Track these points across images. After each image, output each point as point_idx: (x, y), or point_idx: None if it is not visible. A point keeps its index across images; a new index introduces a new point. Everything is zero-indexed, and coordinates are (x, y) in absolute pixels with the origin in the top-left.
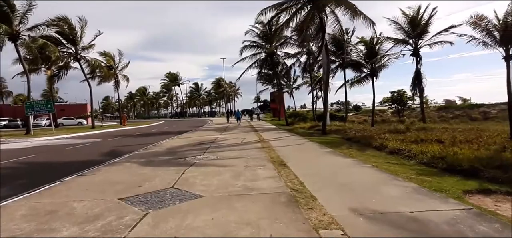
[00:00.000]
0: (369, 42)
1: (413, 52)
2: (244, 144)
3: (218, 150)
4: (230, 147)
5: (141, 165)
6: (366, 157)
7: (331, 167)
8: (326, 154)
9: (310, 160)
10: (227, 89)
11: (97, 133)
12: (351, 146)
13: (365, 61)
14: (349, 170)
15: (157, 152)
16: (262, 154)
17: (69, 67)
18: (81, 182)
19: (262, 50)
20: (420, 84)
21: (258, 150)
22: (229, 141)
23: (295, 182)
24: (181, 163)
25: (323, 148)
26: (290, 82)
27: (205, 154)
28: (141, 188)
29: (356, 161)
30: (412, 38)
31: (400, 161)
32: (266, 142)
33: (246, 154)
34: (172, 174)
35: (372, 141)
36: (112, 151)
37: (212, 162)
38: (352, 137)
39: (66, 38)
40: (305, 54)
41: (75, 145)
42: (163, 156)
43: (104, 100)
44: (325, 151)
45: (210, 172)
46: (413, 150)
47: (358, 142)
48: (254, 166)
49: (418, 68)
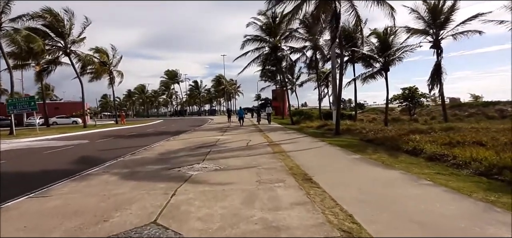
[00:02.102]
0: (382, 34)
1: (433, 43)
2: (251, 147)
3: (220, 156)
4: (235, 151)
5: (121, 179)
6: (405, 166)
7: (376, 183)
8: (357, 162)
9: (341, 172)
10: (227, 87)
11: (87, 133)
12: (377, 149)
13: (377, 54)
14: (407, 191)
15: (147, 158)
16: (276, 161)
17: (59, 62)
18: (24, 211)
19: (266, 44)
20: (439, 79)
21: (269, 156)
22: (233, 144)
23: (340, 214)
24: (173, 176)
25: (348, 153)
26: (293, 78)
27: (205, 162)
28: (106, 225)
29: (402, 173)
30: (433, 28)
31: (448, 170)
32: (276, 145)
33: (256, 162)
34: (158, 196)
35: (400, 144)
36: (94, 157)
37: (213, 174)
38: (372, 139)
39: (54, 31)
40: (311, 48)
41: (57, 147)
42: (153, 164)
43: (102, 98)
44: (353, 157)
45: (211, 193)
46: (458, 155)
47: (382, 145)
48: (270, 182)
49: (439, 61)
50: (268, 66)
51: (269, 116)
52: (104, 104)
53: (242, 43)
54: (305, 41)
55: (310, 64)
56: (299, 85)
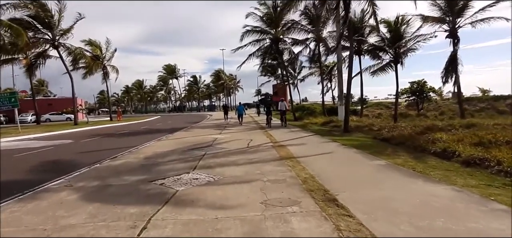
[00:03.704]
0: (393, 23)
1: (450, 32)
2: (252, 149)
3: (216, 162)
4: (234, 155)
5: (81, 199)
6: (442, 174)
7: (430, 209)
8: (384, 170)
9: (371, 186)
10: (227, 82)
11: (75, 132)
12: (397, 151)
13: (387, 46)
14: (489, 226)
15: (128, 165)
16: (285, 170)
17: (47, 56)
18: None
19: (266, 36)
20: (455, 71)
21: (276, 163)
22: (231, 144)
23: None
24: (152, 193)
25: (368, 157)
26: (295, 72)
27: (196, 170)
28: None
29: (456, 191)
30: (450, 16)
31: (496, 179)
32: (282, 147)
33: (260, 171)
34: (120, 232)
35: (425, 144)
36: (67, 162)
37: (204, 191)
38: (388, 138)
39: (40, 22)
40: (314, 40)
41: (33, 149)
42: (132, 173)
43: (100, 94)
44: (377, 163)
45: (198, 225)
46: (504, 160)
47: (401, 144)
48: (280, 204)
49: (455, 51)
50: (268, 61)
51: (284, 115)
52: (102, 100)
53: (241, 35)
54: (307, 33)
55: (313, 57)
56: (300, 80)
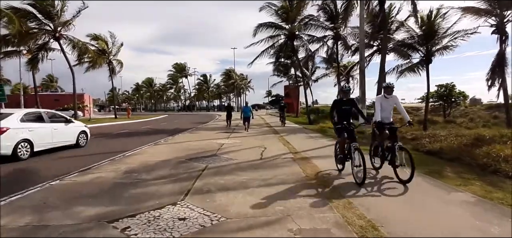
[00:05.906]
0: (426, 17)
1: (496, 27)
2: (267, 161)
3: (218, 182)
4: (243, 171)
5: None
6: None
7: None
8: (477, 211)
9: None
10: (237, 82)
11: None
12: (458, 171)
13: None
14: None
15: (96, 183)
16: (323, 208)
17: (49, 48)
18: None
19: (281, 32)
20: (503, 72)
21: (305, 191)
22: (241, 154)
23: None
24: None
25: (436, 183)
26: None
27: (189, 197)
28: None
29: None
30: (496, 8)
31: None
32: (306, 161)
33: (285, 210)
34: None
35: (495, 163)
36: (21, 177)
37: None
38: (435, 151)
39: (40, 11)
40: (332, 38)
41: None
42: (92, 202)
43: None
44: (461, 198)
45: None
46: None
47: (457, 160)
48: None
49: (503, 49)
50: (282, 60)
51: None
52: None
53: (255, 30)
54: (325, 30)
55: (331, 56)
56: (314, 80)
